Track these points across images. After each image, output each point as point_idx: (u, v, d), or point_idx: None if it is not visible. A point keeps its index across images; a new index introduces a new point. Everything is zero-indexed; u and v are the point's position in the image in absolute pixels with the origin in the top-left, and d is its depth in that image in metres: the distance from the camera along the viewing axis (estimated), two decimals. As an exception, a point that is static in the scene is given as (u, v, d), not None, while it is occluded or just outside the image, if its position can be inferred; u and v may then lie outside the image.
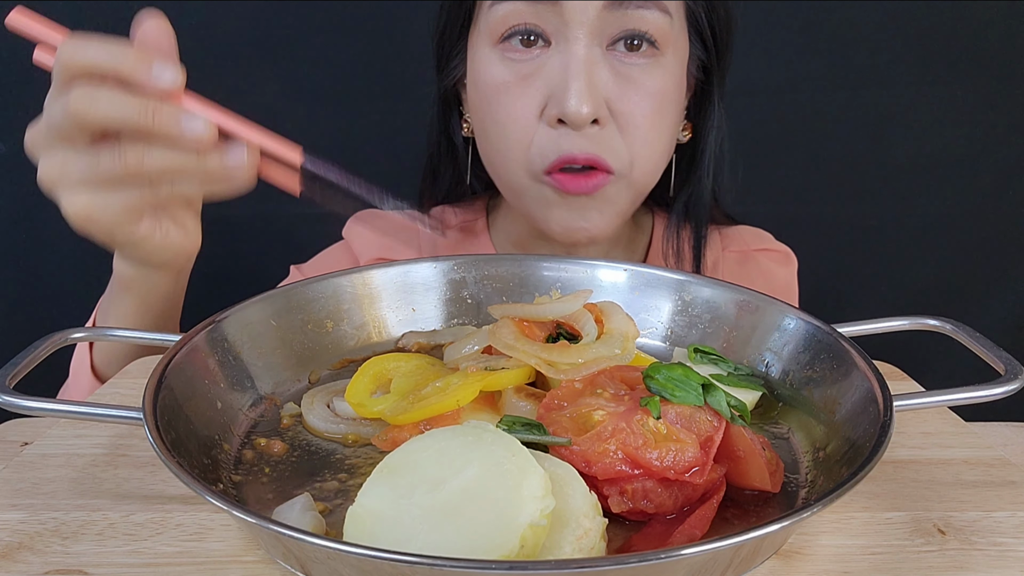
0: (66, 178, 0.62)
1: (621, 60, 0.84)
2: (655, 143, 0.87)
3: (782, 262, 1.12)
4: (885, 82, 1.37)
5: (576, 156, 0.82)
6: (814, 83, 1.37)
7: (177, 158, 0.60)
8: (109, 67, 0.58)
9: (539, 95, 0.83)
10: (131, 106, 0.58)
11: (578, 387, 0.54)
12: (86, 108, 0.58)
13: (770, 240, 1.13)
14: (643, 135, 0.85)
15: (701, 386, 0.52)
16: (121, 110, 0.58)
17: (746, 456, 0.50)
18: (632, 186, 0.88)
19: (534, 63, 0.84)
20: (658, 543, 0.46)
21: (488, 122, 0.88)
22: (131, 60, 0.58)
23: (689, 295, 0.70)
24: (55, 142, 0.61)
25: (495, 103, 0.86)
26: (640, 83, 0.84)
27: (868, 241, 1.45)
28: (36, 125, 0.63)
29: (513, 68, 0.85)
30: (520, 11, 0.82)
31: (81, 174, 0.61)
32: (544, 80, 0.83)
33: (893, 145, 1.40)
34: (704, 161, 0.97)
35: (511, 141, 0.86)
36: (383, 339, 0.70)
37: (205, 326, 0.59)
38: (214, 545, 0.46)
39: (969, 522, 0.50)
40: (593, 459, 0.47)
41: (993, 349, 0.57)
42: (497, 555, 0.39)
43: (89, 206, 0.62)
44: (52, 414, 0.50)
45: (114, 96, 0.58)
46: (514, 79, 0.84)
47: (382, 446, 0.54)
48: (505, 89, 0.85)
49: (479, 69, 0.88)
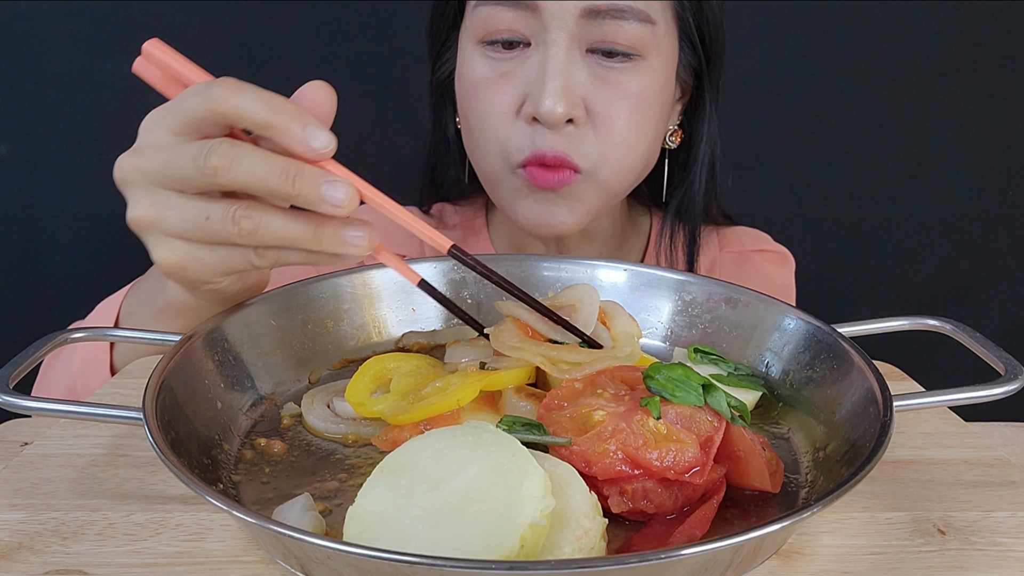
0: (166, 225, 0.55)
1: (600, 63, 0.85)
2: (631, 145, 0.88)
3: (779, 263, 1.12)
4: (885, 82, 1.37)
5: (545, 154, 0.84)
6: (814, 83, 1.37)
7: (294, 230, 0.53)
8: (262, 121, 0.52)
9: (517, 92, 0.85)
10: (274, 168, 0.52)
11: (578, 387, 0.54)
12: (227, 166, 0.52)
13: (768, 241, 1.13)
14: (618, 136, 0.86)
15: (701, 386, 0.52)
16: (263, 172, 0.52)
17: (746, 456, 0.50)
18: (601, 186, 0.89)
19: (514, 62, 0.86)
20: (658, 543, 0.46)
21: (470, 115, 0.90)
22: (286, 118, 0.51)
23: (689, 295, 0.70)
24: (164, 185, 0.55)
25: (475, 98, 0.88)
26: (619, 85, 0.85)
27: (868, 241, 1.45)
28: (138, 158, 0.55)
29: (494, 65, 0.87)
30: (502, 16, 0.84)
31: (184, 225, 0.54)
32: (522, 78, 0.85)
33: (893, 145, 1.40)
34: (695, 166, 0.98)
35: (488, 135, 0.88)
36: (383, 339, 0.70)
37: (205, 326, 0.59)
38: (214, 545, 0.46)
39: (969, 522, 0.50)
40: (593, 459, 0.47)
41: (993, 349, 0.57)
42: (497, 555, 0.39)
43: (184, 259, 0.56)
44: (52, 414, 0.50)
45: (258, 157, 0.52)
46: (494, 76, 0.87)
47: (382, 446, 0.54)
48: (485, 85, 0.87)
49: (464, 64, 0.90)
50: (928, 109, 1.38)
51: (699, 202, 0.99)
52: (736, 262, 1.09)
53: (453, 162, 1.03)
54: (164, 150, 0.54)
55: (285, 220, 0.53)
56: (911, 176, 1.42)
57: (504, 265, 0.73)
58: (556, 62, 0.82)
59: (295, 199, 0.52)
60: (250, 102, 0.52)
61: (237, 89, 0.52)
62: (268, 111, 0.52)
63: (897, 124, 1.39)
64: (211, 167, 0.52)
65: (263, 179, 0.52)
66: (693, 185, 0.98)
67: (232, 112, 0.52)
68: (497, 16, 0.84)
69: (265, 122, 0.51)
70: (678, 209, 1.00)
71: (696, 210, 0.99)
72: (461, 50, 0.91)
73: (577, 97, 0.83)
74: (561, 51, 0.82)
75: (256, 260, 0.56)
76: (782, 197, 1.41)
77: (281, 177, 0.52)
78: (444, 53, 0.97)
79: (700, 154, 0.97)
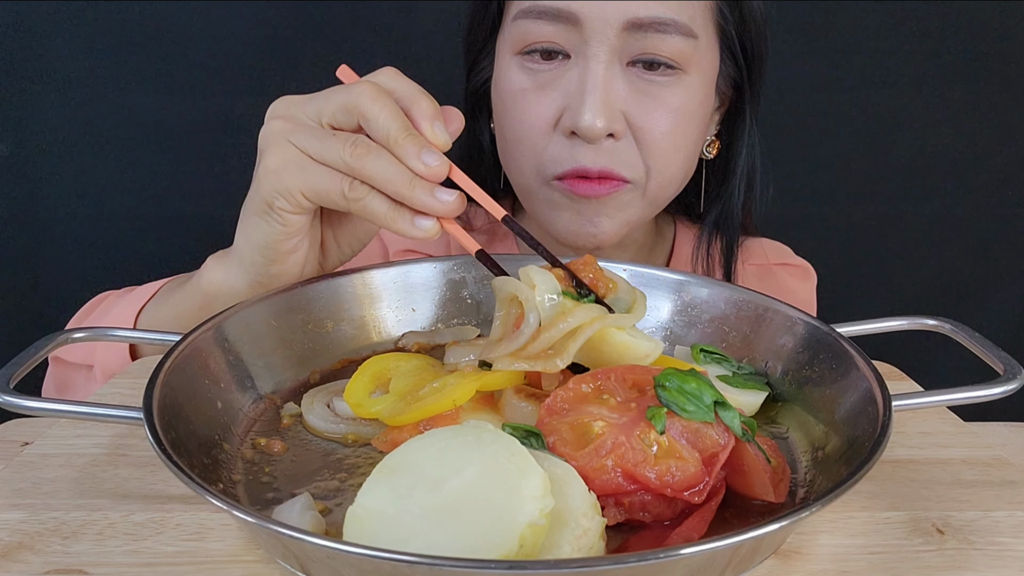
0: (293, 132, 0.63)
1: (640, 76, 0.84)
2: (673, 158, 0.87)
3: (801, 277, 1.11)
4: (886, 82, 1.37)
5: (589, 169, 0.83)
6: (814, 83, 1.37)
7: (395, 170, 0.60)
8: (385, 131, 0.60)
9: (555, 105, 0.84)
10: (398, 173, 0.60)
11: (585, 390, 0.53)
12: (359, 160, 0.60)
13: (790, 255, 1.13)
14: (661, 150, 0.85)
15: (714, 403, 0.50)
16: (386, 175, 0.60)
17: (750, 471, 0.49)
18: (646, 197, 0.88)
19: (552, 73, 0.85)
20: (656, 543, 0.46)
21: (505, 126, 0.89)
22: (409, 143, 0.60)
23: (689, 295, 0.70)
24: (300, 150, 0.62)
25: (512, 108, 0.87)
26: (660, 99, 0.84)
27: (868, 241, 1.45)
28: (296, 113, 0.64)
29: (532, 76, 0.86)
30: (542, 29, 0.83)
31: (309, 135, 0.62)
32: (561, 91, 0.84)
33: (894, 145, 1.40)
34: (735, 178, 0.97)
35: (524, 146, 0.87)
36: (383, 339, 0.70)
37: (205, 326, 0.59)
38: (214, 545, 0.46)
39: (968, 522, 0.50)
40: (591, 475, 0.46)
41: (992, 349, 0.57)
42: (496, 555, 0.39)
43: (290, 160, 0.62)
44: (52, 414, 0.50)
45: (389, 164, 0.60)
46: (532, 87, 0.85)
47: (382, 447, 0.54)
48: (523, 96, 0.86)
49: (501, 74, 0.89)
50: (928, 109, 1.38)
51: (737, 214, 0.98)
52: (759, 275, 1.08)
53: (488, 170, 1.01)
54: (312, 128, 0.63)
55: (391, 160, 0.60)
56: (911, 176, 1.42)
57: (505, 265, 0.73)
58: (596, 76, 0.81)
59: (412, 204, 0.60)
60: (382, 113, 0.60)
61: (373, 97, 0.60)
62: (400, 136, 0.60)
63: (897, 124, 1.39)
64: (348, 156, 0.60)
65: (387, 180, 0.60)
66: (732, 197, 0.98)
67: (363, 115, 0.61)
68: (537, 29, 0.83)
69: (388, 137, 0.60)
70: (716, 221, 0.99)
71: (734, 222, 0.99)
72: (499, 59, 0.90)
73: (617, 111, 0.82)
74: (602, 65, 0.81)
75: (347, 191, 0.61)
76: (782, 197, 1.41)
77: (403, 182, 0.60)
78: (481, 61, 0.95)
79: (739, 165, 0.97)
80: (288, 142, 0.62)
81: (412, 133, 0.60)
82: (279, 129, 0.63)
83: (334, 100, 0.62)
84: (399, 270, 0.72)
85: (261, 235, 0.66)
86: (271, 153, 0.63)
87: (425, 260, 0.73)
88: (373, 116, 0.60)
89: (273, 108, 0.66)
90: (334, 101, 0.62)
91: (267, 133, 0.64)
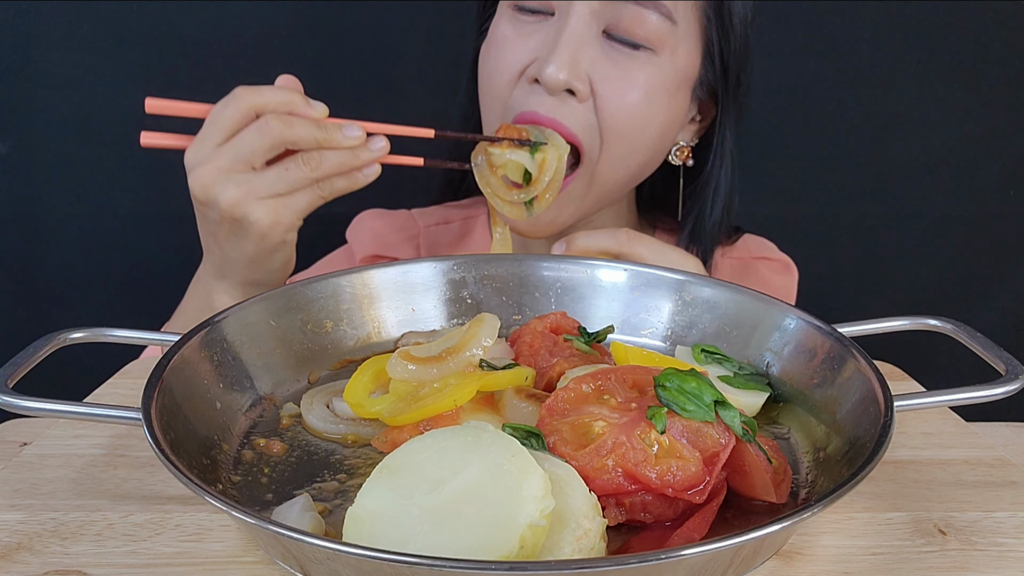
0: (256, 191, 0.74)
1: (614, 47, 0.87)
2: (629, 136, 0.88)
3: (781, 271, 1.11)
4: (886, 82, 1.37)
5: (541, 116, 0.86)
6: (815, 83, 1.37)
7: (340, 155, 0.75)
8: (283, 104, 0.75)
9: (529, 55, 0.88)
10: (309, 127, 0.74)
11: (586, 391, 0.52)
12: (283, 129, 0.73)
13: (772, 249, 1.13)
14: (617, 123, 0.87)
15: (714, 402, 0.50)
16: (306, 130, 0.74)
17: (751, 471, 0.49)
18: (594, 180, 0.90)
19: (534, 26, 0.89)
20: (658, 544, 0.46)
21: (481, 71, 0.93)
22: (297, 99, 0.76)
23: (689, 295, 0.70)
24: (241, 169, 0.74)
25: (489, 55, 0.92)
26: (628, 71, 0.86)
27: (868, 241, 1.45)
28: (205, 164, 0.74)
29: (516, 27, 0.90)
30: None
31: (269, 188, 0.74)
32: (538, 42, 0.88)
33: (894, 145, 1.40)
34: (707, 193, 0.98)
35: (494, 93, 0.91)
36: (383, 339, 0.70)
37: (204, 326, 0.59)
38: (213, 546, 0.46)
39: (970, 522, 0.50)
40: (592, 475, 0.46)
41: (993, 349, 0.56)
42: (497, 555, 0.39)
43: (277, 210, 0.75)
44: (52, 414, 0.50)
45: (301, 121, 0.74)
46: (513, 35, 0.90)
47: (382, 447, 0.54)
48: (504, 42, 0.90)
49: (493, 24, 0.93)
50: (929, 109, 1.38)
51: (712, 230, 1.00)
52: (737, 269, 1.08)
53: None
54: (229, 148, 0.74)
55: (334, 153, 0.75)
56: (911, 176, 1.42)
57: (504, 265, 0.73)
58: (571, 33, 0.84)
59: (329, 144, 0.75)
60: (272, 97, 0.75)
61: (286, 123, 0.74)
62: (284, 99, 0.75)
63: (898, 124, 1.39)
64: (274, 133, 0.73)
65: (309, 135, 0.74)
66: (704, 211, 0.99)
67: (265, 105, 0.75)
68: None
69: (285, 105, 0.75)
70: (691, 234, 1.01)
71: (709, 236, 1.00)
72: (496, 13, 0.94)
73: (582, 71, 0.85)
74: (580, 23, 0.85)
75: (321, 191, 0.76)
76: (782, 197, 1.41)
77: (318, 131, 0.75)
78: (487, 20, 0.98)
79: (714, 180, 0.98)
80: (258, 200, 0.74)
81: (325, 127, 0.75)
82: (234, 196, 0.74)
83: (260, 143, 0.73)
84: (399, 270, 0.72)
85: (277, 263, 0.79)
86: (254, 215, 0.74)
87: (425, 260, 0.73)
88: (297, 137, 0.74)
89: (192, 164, 0.76)
90: (260, 143, 0.73)
91: (225, 199, 0.74)
